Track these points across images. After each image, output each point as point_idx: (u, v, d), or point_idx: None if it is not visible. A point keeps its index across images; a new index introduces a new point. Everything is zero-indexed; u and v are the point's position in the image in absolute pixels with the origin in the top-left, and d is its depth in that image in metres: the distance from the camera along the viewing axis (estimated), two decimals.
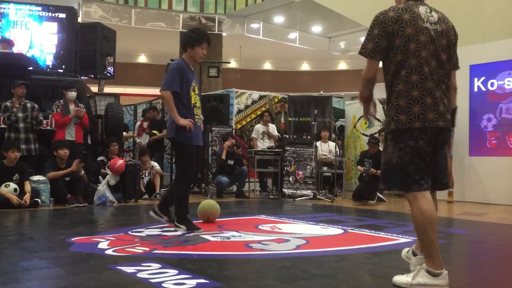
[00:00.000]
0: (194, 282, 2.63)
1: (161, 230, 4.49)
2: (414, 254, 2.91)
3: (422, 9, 2.74)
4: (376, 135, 9.44)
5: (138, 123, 10.21)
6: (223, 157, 8.43)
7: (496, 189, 7.73)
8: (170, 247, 3.68)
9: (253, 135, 9.51)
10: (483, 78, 8.16)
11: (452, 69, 2.90)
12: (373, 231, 4.63)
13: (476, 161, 8.10)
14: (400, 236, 4.36)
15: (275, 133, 9.50)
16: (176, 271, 2.85)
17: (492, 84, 8.06)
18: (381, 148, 8.76)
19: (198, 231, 4.37)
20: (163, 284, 2.56)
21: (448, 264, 3.40)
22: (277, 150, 8.81)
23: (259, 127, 9.51)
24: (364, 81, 2.88)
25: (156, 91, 20.08)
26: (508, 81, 7.85)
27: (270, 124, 9.57)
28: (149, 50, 21.30)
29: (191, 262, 3.18)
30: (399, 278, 2.63)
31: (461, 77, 8.32)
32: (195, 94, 4.53)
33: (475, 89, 8.25)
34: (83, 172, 6.84)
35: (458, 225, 5.63)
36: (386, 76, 2.79)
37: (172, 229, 4.47)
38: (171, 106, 4.35)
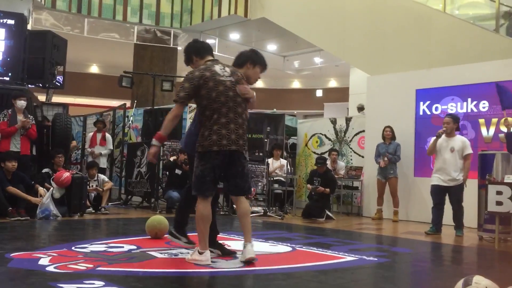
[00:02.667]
0: None
1: (106, 246, 4.37)
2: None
3: (217, 67, 3.80)
4: (325, 155, 9.63)
5: (91, 134, 9.88)
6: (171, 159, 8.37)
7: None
8: (115, 264, 3.58)
9: None
10: (428, 102, 8.52)
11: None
12: (321, 249, 4.69)
13: (420, 182, 8.39)
14: (346, 254, 4.44)
15: None
16: None
17: (436, 108, 8.42)
18: (329, 167, 8.95)
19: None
20: None
21: (391, 283, 3.49)
22: None
23: None
24: (171, 119, 3.74)
25: (107, 102, 19.74)
26: (451, 105, 8.23)
27: None
28: (102, 61, 20.90)
29: (136, 280, 3.11)
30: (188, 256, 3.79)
31: (407, 100, 8.72)
32: None
33: (421, 113, 8.59)
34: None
35: (401, 244, 5.79)
36: (198, 115, 3.80)
37: (118, 245, 4.36)
38: None
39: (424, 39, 9.08)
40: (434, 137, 6.69)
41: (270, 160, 9.10)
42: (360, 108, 10.30)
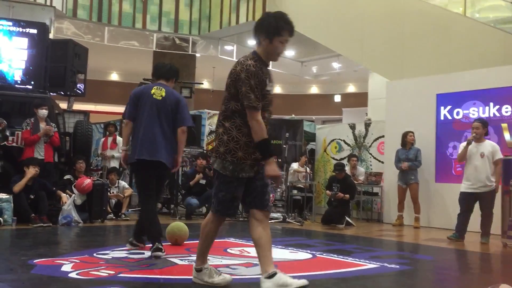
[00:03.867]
0: None
1: (127, 252, 4.40)
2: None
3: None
4: (343, 161, 9.56)
5: (103, 138, 9.90)
6: (191, 184, 8.37)
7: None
8: (136, 271, 3.60)
9: None
10: (449, 107, 8.40)
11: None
12: (341, 256, 4.65)
13: (442, 188, 8.27)
14: (367, 261, 4.39)
15: None
16: None
17: (457, 113, 8.30)
18: (349, 173, 8.88)
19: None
20: None
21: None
22: None
23: None
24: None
25: None
26: (473, 110, 8.10)
27: None
28: (121, 68, 21.16)
29: (157, 286, 3.13)
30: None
31: (428, 105, 8.61)
32: None
33: (442, 118, 8.48)
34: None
35: (423, 251, 5.71)
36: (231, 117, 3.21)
37: (139, 251, 4.39)
38: None
39: (444, 43, 8.98)
40: (464, 143, 6.57)
41: (295, 165, 9.14)
42: (368, 124, 10.19)
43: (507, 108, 7.73)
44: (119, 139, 9.80)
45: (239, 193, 3.16)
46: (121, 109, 20.27)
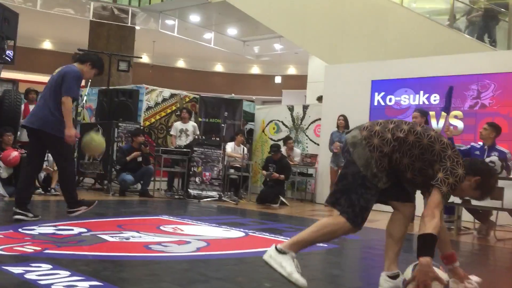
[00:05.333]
0: (86, 284, 2.54)
1: (55, 228, 4.27)
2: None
3: None
4: (281, 142, 9.70)
5: (22, 105, 9.15)
6: (128, 159, 8.19)
7: None
8: (63, 247, 3.51)
9: (172, 132, 9.43)
10: (382, 93, 8.72)
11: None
12: (273, 235, 4.76)
13: None
14: None
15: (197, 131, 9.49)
16: (68, 273, 2.73)
17: (390, 100, 8.63)
18: (285, 154, 9.04)
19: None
20: (52, 286, 2.44)
21: (339, 269, 3.60)
22: (184, 150, 8.75)
23: (178, 125, 9.43)
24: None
25: None
26: (404, 97, 8.46)
27: (190, 122, 9.53)
28: (55, 37, 20.17)
29: (85, 263, 3.06)
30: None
31: (363, 90, 8.88)
32: None
33: (375, 103, 8.79)
34: None
35: None
36: None
37: (67, 227, 4.27)
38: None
39: (381, 31, 9.26)
40: None
41: (231, 144, 9.12)
42: (319, 99, 10.43)
43: (435, 96, 8.12)
44: None
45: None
46: None
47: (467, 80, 7.76)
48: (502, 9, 9.32)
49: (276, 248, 2.70)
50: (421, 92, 8.28)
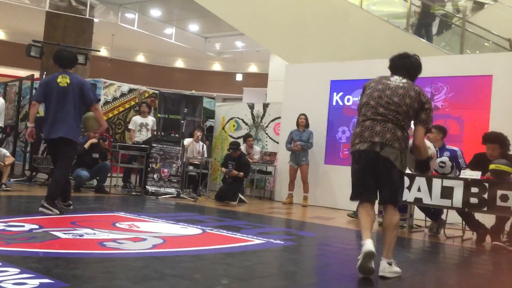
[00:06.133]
0: (37, 282, 2.47)
1: (5, 224, 4.12)
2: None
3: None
4: (240, 140, 9.72)
5: None
6: (86, 146, 8.00)
7: (345, 195, 8.44)
8: (13, 244, 3.40)
9: (131, 126, 9.24)
10: (341, 94, 8.87)
11: None
12: (231, 232, 4.77)
13: (330, 169, 8.77)
14: (255, 237, 4.55)
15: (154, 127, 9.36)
16: (17, 270, 2.65)
17: (348, 100, 8.80)
18: (244, 151, 9.06)
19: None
20: (0, 284, 2.36)
21: (295, 265, 3.64)
22: (142, 146, 8.63)
23: (137, 119, 9.26)
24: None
25: (13, 71, 18.44)
26: None
27: (149, 117, 9.39)
28: (8, 26, 19.43)
29: (36, 261, 2.97)
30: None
31: (322, 90, 9.01)
32: None
33: (334, 103, 8.93)
34: None
35: (308, 228, 6.04)
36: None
37: (18, 224, 4.14)
38: None
39: (341, 32, 9.41)
40: None
41: (189, 140, 9.03)
42: (266, 104, 10.47)
43: None
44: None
45: None
46: (6, 70, 18.71)
47: (421, 82, 7.97)
48: (456, 15, 9.67)
49: (387, 263, 3.30)
50: None
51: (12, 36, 19.81)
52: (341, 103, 8.87)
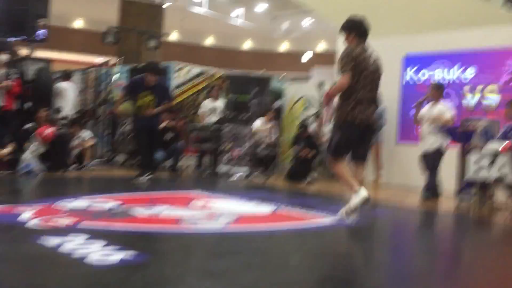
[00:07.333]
0: (120, 255, 2.60)
1: (90, 202, 4.38)
2: None
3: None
4: (310, 119, 9.61)
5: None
6: (160, 127, 8.27)
7: (419, 174, 8.15)
8: (99, 219, 3.61)
9: (201, 110, 9.44)
10: (415, 68, 8.51)
11: None
12: (303, 211, 4.76)
13: (403, 148, 8.49)
14: (327, 216, 4.52)
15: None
16: (102, 244, 2.80)
17: (423, 75, 8.43)
18: (314, 131, 8.97)
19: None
20: (87, 257, 2.52)
21: (370, 244, 3.58)
22: (213, 127, 8.79)
23: (207, 103, 9.43)
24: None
25: (91, 58, 19.37)
26: (438, 72, 8.24)
27: (219, 100, 9.53)
28: (86, 15, 20.40)
29: (120, 235, 3.14)
30: (341, 211, 4.05)
31: (394, 65, 8.68)
32: None
33: (407, 79, 8.60)
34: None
35: (381, 208, 5.90)
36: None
37: (101, 201, 4.39)
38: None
39: (414, 2, 8.98)
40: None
41: (258, 122, 9.09)
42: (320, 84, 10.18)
43: (471, 71, 7.89)
44: None
45: None
46: (85, 58, 19.70)
47: (503, 54, 7.50)
48: None
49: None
50: (455, 67, 8.05)
51: (89, 24, 20.78)
52: (415, 78, 8.52)
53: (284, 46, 23.14)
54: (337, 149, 4.20)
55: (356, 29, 4.52)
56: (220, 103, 9.48)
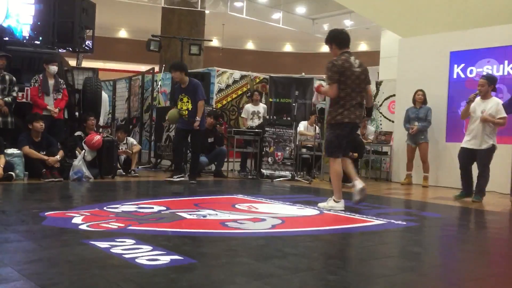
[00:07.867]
0: (168, 258, 2.62)
1: (137, 206, 4.46)
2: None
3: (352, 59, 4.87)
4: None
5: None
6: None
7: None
8: (145, 224, 3.66)
9: (243, 115, 9.50)
10: (462, 65, 8.23)
11: None
12: (348, 213, 4.68)
13: (452, 147, 8.20)
14: (374, 218, 4.42)
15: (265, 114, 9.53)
16: (150, 247, 2.84)
17: (471, 71, 8.14)
18: (358, 132, 8.82)
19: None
20: (136, 260, 2.55)
21: (419, 246, 3.47)
22: (257, 130, 8.80)
23: (249, 107, 9.48)
24: None
25: (136, 66, 19.87)
26: (487, 68, 7.93)
27: (261, 104, 9.56)
28: (130, 25, 20.95)
29: (165, 239, 3.17)
30: (321, 204, 4.85)
31: (441, 63, 8.44)
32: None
33: (454, 76, 8.32)
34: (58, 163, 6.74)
35: (431, 209, 5.73)
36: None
37: (148, 206, 4.46)
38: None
39: None
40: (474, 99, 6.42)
41: (304, 123, 9.09)
42: (379, 83, 10.03)
43: None
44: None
45: None
46: (129, 66, 20.22)
47: None
48: None
49: (334, 200, 4.93)
50: (506, 62, 7.73)
51: (133, 34, 21.33)
52: (462, 76, 8.24)
53: (325, 48, 22.95)
54: (329, 147, 4.84)
55: (335, 39, 4.95)
56: (261, 108, 9.49)
